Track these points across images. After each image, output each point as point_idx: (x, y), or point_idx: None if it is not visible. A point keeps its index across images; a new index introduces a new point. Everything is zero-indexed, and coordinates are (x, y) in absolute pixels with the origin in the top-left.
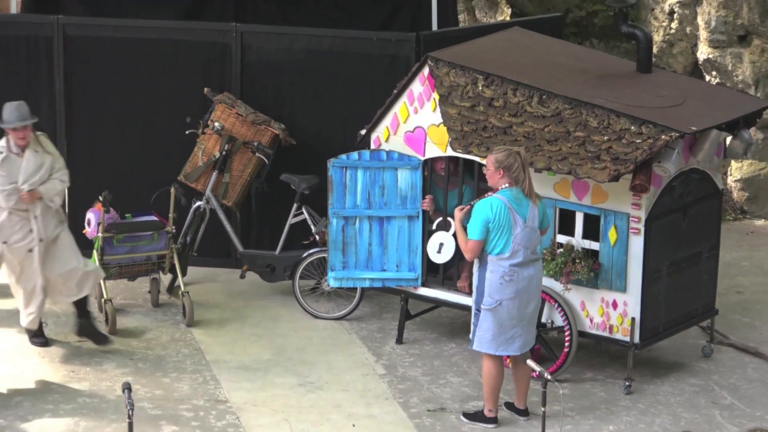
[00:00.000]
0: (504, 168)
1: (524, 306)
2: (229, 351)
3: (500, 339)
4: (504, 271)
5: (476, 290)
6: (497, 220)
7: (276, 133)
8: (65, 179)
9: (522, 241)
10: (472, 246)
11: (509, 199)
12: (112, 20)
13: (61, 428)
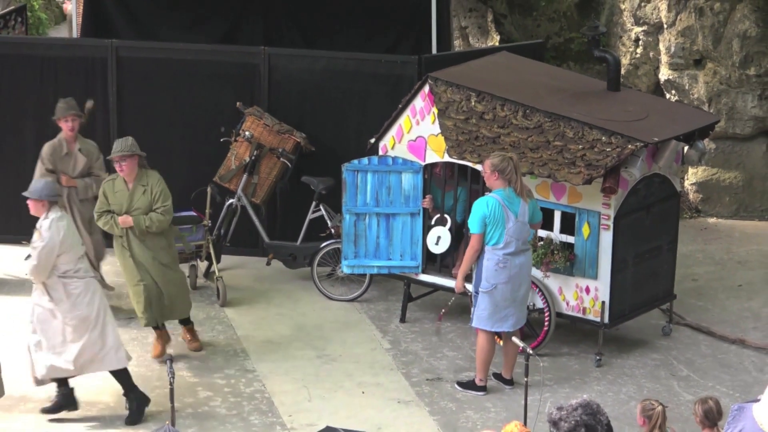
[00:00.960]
0: (499, 171)
1: (516, 289)
2: (257, 327)
3: (495, 317)
4: (498, 259)
5: (475, 276)
6: (492, 215)
7: (298, 141)
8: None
9: (514, 234)
10: (474, 239)
11: (502, 198)
12: (158, 43)
13: (112, 391)
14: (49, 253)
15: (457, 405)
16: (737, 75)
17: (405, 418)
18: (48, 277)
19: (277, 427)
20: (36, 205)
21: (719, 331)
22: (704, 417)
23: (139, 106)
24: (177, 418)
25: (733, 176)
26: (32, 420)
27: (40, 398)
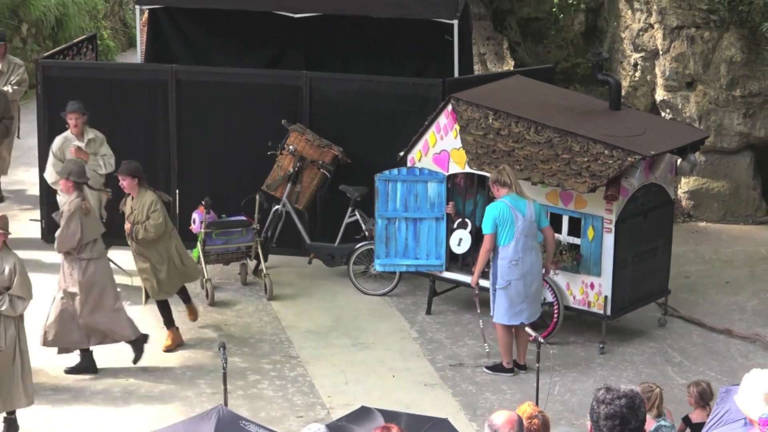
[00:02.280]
0: (497, 182)
1: (529, 285)
2: (299, 318)
3: (511, 312)
4: (511, 257)
5: (492, 275)
6: (501, 217)
7: (336, 154)
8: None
9: (523, 231)
10: (487, 239)
11: (509, 201)
12: (213, 68)
13: (172, 375)
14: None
15: (476, 388)
16: (724, 96)
17: (430, 399)
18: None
19: (317, 407)
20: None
21: (709, 322)
22: (699, 397)
23: (196, 123)
24: (229, 399)
25: (720, 185)
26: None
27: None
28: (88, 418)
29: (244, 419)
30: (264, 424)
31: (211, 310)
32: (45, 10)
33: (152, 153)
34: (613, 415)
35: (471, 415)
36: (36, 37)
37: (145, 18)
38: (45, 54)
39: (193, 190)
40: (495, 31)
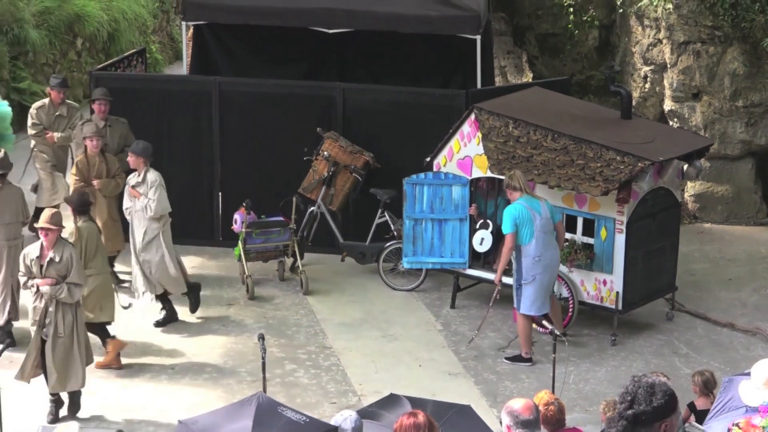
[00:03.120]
0: (509, 187)
1: (551, 278)
2: (333, 312)
3: (537, 304)
4: (533, 253)
5: (515, 272)
6: (521, 217)
7: (367, 159)
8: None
9: (541, 228)
10: (508, 238)
11: (525, 202)
12: (253, 79)
13: (214, 364)
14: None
15: (497, 377)
16: (728, 106)
17: (454, 387)
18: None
19: (349, 394)
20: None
21: (713, 316)
22: (703, 386)
23: (237, 131)
24: (267, 386)
25: (724, 189)
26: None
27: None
28: (137, 402)
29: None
30: (300, 409)
31: (251, 304)
32: (98, 25)
33: (197, 158)
34: (628, 392)
35: (491, 402)
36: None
37: (190, 33)
38: (98, 66)
39: (234, 193)
40: (515, 46)
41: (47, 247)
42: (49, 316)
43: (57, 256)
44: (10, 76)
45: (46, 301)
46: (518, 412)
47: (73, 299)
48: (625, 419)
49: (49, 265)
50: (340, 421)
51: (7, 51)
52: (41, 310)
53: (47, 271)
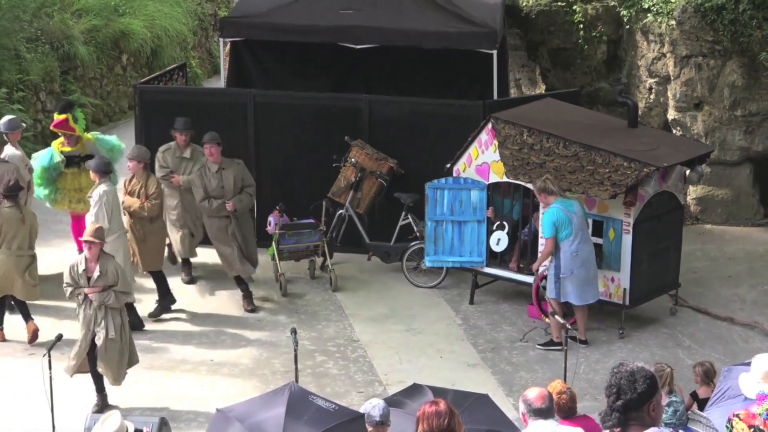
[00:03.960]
0: (544, 191)
1: (589, 271)
2: (360, 307)
3: (578, 293)
4: (572, 250)
5: (554, 267)
6: (559, 220)
7: (391, 166)
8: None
9: (578, 226)
10: (548, 243)
11: (561, 205)
12: (286, 92)
13: (250, 355)
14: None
15: (512, 367)
16: (727, 115)
17: (473, 377)
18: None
19: (375, 384)
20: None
21: (713, 311)
22: (704, 376)
23: (271, 140)
24: (299, 376)
25: (724, 193)
26: (190, 378)
27: (196, 361)
28: (178, 391)
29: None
30: (329, 398)
31: (284, 300)
32: (142, 42)
33: None
34: (612, 384)
35: (508, 391)
36: (134, 65)
37: (227, 49)
38: (141, 80)
39: (268, 197)
40: (529, 60)
41: (91, 259)
42: (99, 322)
43: (104, 269)
44: (60, 89)
45: (95, 308)
46: (532, 400)
47: (119, 305)
48: (617, 411)
49: (99, 277)
50: (369, 408)
51: (58, 66)
52: (91, 316)
53: (96, 282)
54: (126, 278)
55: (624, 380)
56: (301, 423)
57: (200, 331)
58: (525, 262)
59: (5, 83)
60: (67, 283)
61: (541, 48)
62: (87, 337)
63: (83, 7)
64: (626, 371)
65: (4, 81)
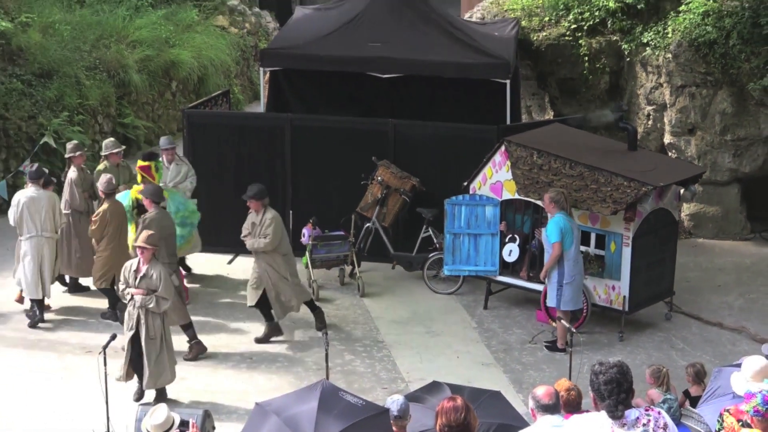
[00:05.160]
0: (555, 201)
1: (582, 278)
2: (385, 311)
3: (575, 300)
4: (574, 257)
5: (557, 274)
6: (565, 228)
7: (414, 184)
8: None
9: (576, 238)
10: (555, 247)
11: (564, 216)
12: (319, 116)
13: (285, 354)
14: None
15: (522, 367)
16: (718, 140)
17: (486, 375)
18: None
19: (398, 381)
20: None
21: (705, 317)
22: (695, 376)
23: (306, 160)
24: (330, 374)
25: (714, 210)
26: (231, 375)
27: (236, 359)
28: (221, 386)
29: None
30: (357, 394)
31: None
32: (190, 70)
33: (272, 182)
34: (610, 380)
35: (518, 388)
36: (183, 91)
37: (267, 77)
38: (189, 105)
39: (303, 211)
40: (538, 88)
41: (143, 262)
42: (141, 322)
43: (149, 272)
44: (116, 112)
45: (138, 308)
46: (540, 397)
47: (160, 309)
48: (621, 403)
49: (142, 278)
50: (391, 403)
51: (114, 92)
52: (134, 315)
53: (140, 283)
54: (169, 286)
55: (618, 374)
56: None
57: (241, 332)
58: (534, 272)
59: (67, 107)
60: (121, 282)
61: (549, 78)
62: (129, 335)
63: (137, 39)
64: (613, 367)
65: (66, 105)
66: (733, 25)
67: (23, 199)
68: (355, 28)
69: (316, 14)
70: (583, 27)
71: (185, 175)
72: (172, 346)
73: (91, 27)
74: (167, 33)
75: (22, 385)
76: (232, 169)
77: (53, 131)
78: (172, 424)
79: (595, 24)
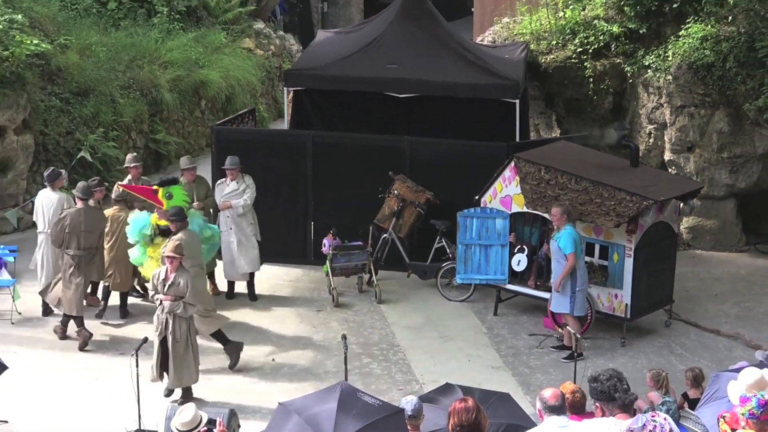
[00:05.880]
0: (566, 213)
1: (587, 287)
2: (400, 317)
3: (584, 306)
4: (582, 266)
5: (570, 283)
6: (577, 239)
7: (428, 197)
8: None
9: (582, 249)
10: (571, 257)
11: (572, 228)
12: (339, 133)
13: (306, 357)
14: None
15: (530, 370)
16: (715, 157)
17: (496, 378)
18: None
19: (413, 383)
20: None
21: (702, 324)
22: (694, 380)
23: (326, 173)
24: (349, 375)
25: (712, 223)
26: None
27: (260, 361)
28: (246, 387)
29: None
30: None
31: (336, 310)
32: (218, 89)
33: (294, 194)
34: (610, 378)
35: (526, 390)
36: (211, 109)
37: (290, 96)
38: (217, 122)
39: (324, 222)
40: (546, 108)
41: (171, 271)
42: (169, 325)
43: (177, 280)
44: (148, 129)
45: (166, 313)
46: (546, 399)
47: (187, 314)
48: (629, 399)
49: (170, 286)
50: (405, 403)
51: (147, 109)
52: (163, 319)
53: (168, 290)
54: (196, 293)
55: (613, 373)
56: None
57: (265, 336)
58: (541, 280)
59: (102, 123)
60: (151, 288)
61: (556, 98)
62: (158, 339)
63: (169, 60)
64: (607, 371)
65: (102, 122)
66: (730, 49)
67: (39, 198)
68: (374, 50)
69: (337, 37)
70: (589, 50)
71: (242, 192)
72: (197, 349)
73: (125, 49)
74: (197, 54)
75: (59, 385)
76: (258, 182)
77: (89, 146)
78: (199, 422)
79: (599, 47)
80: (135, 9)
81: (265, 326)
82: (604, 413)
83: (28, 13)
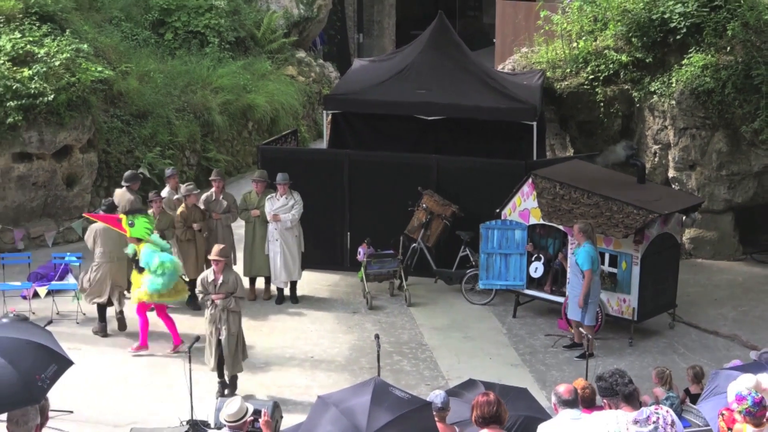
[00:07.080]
0: (584, 231)
1: (599, 298)
2: (428, 318)
3: (595, 316)
4: (597, 281)
5: (584, 295)
6: (594, 255)
7: (454, 210)
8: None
9: (599, 265)
10: (587, 274)
11: (591, 244)
12: (374, 152)
13: (343, 355)
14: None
15: (546, 367)
16: (715, 174)
17: (515, 374)
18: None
19: (439, 378)
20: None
21: (703, 326)
22: (694, 377)
23: (362, 190)
24: (381, 372)
25: (712, 234)
26: (296, 372)
27: (301, 358)
28: (286, 381)
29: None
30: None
31: (370, 312)
32: (263, 112)
33: (333, 208)
34: (613, 374)
35: (542, 386)
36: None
37: (329, 119)
38: (263, 142)
39: (359, 233)
40: (561, 129)
41: (218, 272)
42: (223, 321)
43: (226, 279)
44: (201, 148)
45: (219, 309)
46: (561, 393)
47: (239, 307)
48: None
49: (222, 285)
50: (433, 397)
51: (200, 130)
52: (216, 316)
53: (220, 289)
54: (243, 287)
55: (616, 370)
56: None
57: (305, 336)
58: (556, 286)
59: (159, 143)
60: (200, 291)
61: (570, 121)
62: (214, 334)
63: (219, 86)
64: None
65: (159, 141)
66: (728, 77)
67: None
68: (405, 77)
69: (371, 65)
70: (600, 77)
71: (290, 207)
72: (245, 341)
73: (180, 75)
74: (245, 81)
75: (119, 379)
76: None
77: (147, 163)
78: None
79: (609, 75)
80: (189, 39)
81: (306, 326)
82: (611, 408)
83: (93, 43)
